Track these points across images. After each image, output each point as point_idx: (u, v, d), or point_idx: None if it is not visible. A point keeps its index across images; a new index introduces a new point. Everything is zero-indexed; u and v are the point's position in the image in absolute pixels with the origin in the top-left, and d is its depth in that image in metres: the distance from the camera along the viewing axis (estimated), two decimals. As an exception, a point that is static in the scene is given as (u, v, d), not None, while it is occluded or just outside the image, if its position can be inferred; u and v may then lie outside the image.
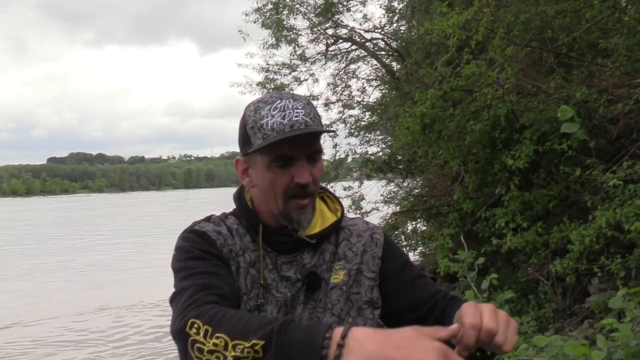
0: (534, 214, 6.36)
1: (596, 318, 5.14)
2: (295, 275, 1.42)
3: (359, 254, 1.49)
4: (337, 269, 1.46)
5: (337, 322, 1.41)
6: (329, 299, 1.43)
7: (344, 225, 1.53)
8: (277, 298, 1.40)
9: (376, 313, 1.48)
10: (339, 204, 1.57)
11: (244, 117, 1.44)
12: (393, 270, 1.50)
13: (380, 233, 1.56)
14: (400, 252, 1.58)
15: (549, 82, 6.60)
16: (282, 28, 13.16)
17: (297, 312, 1.41)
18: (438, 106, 6.78)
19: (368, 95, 14.46)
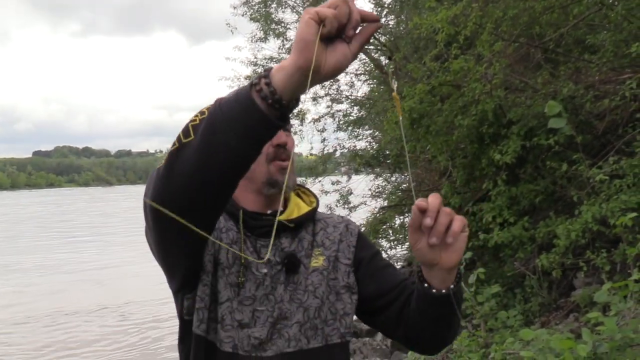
0: (521, 209, 6.40)
1: (581, 312, 5.19)
2: (274, 258, 1.49)
3: (336, 242, 1.59)
4: (316, 254, 1.55)
5: (319, 305, 1.49)
6: (309, 281, 1.49)
7: (320, 217, 1.64)
8: (256, 276, 1.45)
9: (354, 298, 1.56)
10: (314, 197, 1.69)
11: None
12: (365, 258, 1.60)
13: (354, 225, 1.68)
14: (372, 244, 1.71)
15: (536, 77, 6.64)
16: (270, 21, 13.10)
17: (278, 292, 1.46)
18: (426, 101, 6.79)
19: (356, 90, 14.45)
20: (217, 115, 1.10)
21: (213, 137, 1.10)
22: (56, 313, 13.01)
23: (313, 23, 1.02)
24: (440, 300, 1.32)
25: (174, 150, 1.14)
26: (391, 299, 1.53)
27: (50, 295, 15.05)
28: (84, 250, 23.90)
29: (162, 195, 1.17)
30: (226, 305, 1.41)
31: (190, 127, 1.14)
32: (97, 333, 11.51)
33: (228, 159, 1.12)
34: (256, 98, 1.07)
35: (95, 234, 30.90)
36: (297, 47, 1.04)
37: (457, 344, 4.85)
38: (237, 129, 1.09)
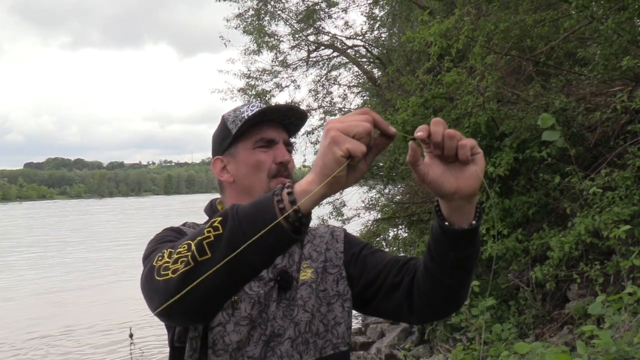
0: (514, 221, 6.41)
1: (575, 324, 5.19)
2: (267, 275, 1.48)
3: (322, 252, 1.58)
4: (304, 267, 1.54)
5: (309, 318, 1.47)
6: (299, 295, 1.48)
7: (308, 230, 1.61)
8: (250, 295, 1.44)
9: (346, 305, 1.54)
10: None
11: (222, 119, 1.62)
12: (355, 252, 1.59)
13: (340, 230, 1.67)
14: (359, 240, 1.68)
15: (528, 90, 6.68)
16: (263, 34, 13.15)
17: (271, 310, 1.46)
18: (419, 113, 6.82)
19: (349, 102, 14.51)
20: (238, 236, 1.09)
21: (237, 259, 1.09)
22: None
23: (344, 160, 1.04)
24: (464, 238, 1.22)
25: (189, 269, 1.12)
26: (384, 276, 1.49)
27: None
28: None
29: (175, 309, 1.16)
30: (217, 330, 1.40)
31: (206, 245, 1.12)
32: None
33: (251, 276, 1.16)
34: (284, 223, 1.08)
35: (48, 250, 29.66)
36: (323, 177, 1.06)
37: (452, 357, 4.83)
38: (264, 252, 1.10)
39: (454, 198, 1.19)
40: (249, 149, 1.55)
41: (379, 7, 13.79)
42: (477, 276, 7.42)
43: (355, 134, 1.05)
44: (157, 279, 1.16)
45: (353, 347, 8.99)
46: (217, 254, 1.10)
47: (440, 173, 1.17)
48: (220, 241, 1.10)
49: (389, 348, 8.47)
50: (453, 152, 1.12)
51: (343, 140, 1.04)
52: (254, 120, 1.54)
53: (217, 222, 1.13)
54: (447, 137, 1.11)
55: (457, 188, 1.17)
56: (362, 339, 9.55)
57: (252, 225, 1.08)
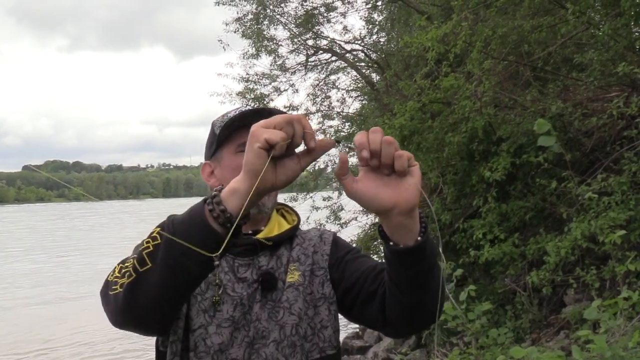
0: (511, 226, 6.42)
1: (572, 329, 5.20)
2: (251, 276, 1.48)
3: (310, 255, 1.56)
4: (292, 269, 1.53)
5: (296, 322, 1.46)
6: (285, 297, 1.46)
7: (299, 233, 1.62)
8: (232, 297, 1.44)
9: (332, 308, 1.52)
10: (296, 215, 1.70)
11: (212, 125, 1.63)
12: (339, 256, 1.57)
13: (330, 234, 1.66)
14: (348, 244, 1.66)
15: (525, 95, 6.70)
16: (262, 38, 13.17)
17: (254, 311, 1.45)
18: (417, 118, 6.83)
19: (348, 106, 14.52)
20: (174, 244, 1.11)
21: (174, 265, 1.13)
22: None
23: (263, 153, 1.07)
24: (411, 256, 1.19)
25: (132, 281, 1.17)
26: (361, 284, 1.47)
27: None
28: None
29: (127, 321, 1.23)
30: (199, 332, 1.40)
31: (145, 255, 1.16)
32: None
33: (192, 281, 1.19)
34: (214, 224, 1.11)
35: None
36: (248, 175, 1.10)
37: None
38: (198, 256, 1.11)
39: (392, 214, 1.16)
40: (232, 153, 1.55)
41: (377, 11, 13.82)
42: (474, 280, 7.44)
43: (275, 125, 1.08)
44: (109, 294, 1.22)
45: (350, 351, 8.98)
46: (157, 263, 1.14)
47: (373, 187, 1.15)
48: (159, 250, 1.14)
49: (385, 352, 8.47)
50: (390, 161, 1.11)
51: (261, 132, 1.07)
52: (236, 125, 1.54)
53: (155, 233, 1.17)
54: (385, 142, 1.10)
55: (395, 202, 1.14)
56: (359, 342, 9.54)
57: (186, 232, 1.11)
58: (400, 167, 1.10)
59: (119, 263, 1.26)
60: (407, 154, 1.10)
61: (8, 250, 30.54)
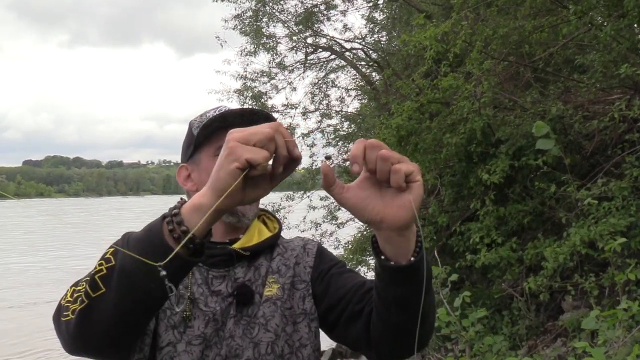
0: (509, 230, 6.30)
1: (569, 336, 5.08)
2: (226, 290, 1.37)
3: (291, 266, 1.46)
4: (270, 282, 1.42)
5: (272, 339, 1.35)
6: (261, 313, 1.36)
7: (280, 242, 1.52)
8: (204, 312, 1.34)
9: (313, 325, 1.42)
10: (277, 222, 1.58)
11: (189, 125, 1.52)
12: (323, 269, 1.46)
13: (314, 244, 1.54)
14: (333, 257, 1.55)
15: (525, 97, 6.58)
16: (261, 35, 13.04)
17: (228, 327, 1.34)
18: (415, 118, 6.71)
19: (347, 105, 14.39)
20: (130, 268, 1.00)
21: (131, 290, 1.01)
22: None
23: (239, 173, 0.96)
24: (402, 276, 1.08)
25: (84, 308, 1.05)
26: (347, 301, 1.36)
27: None
28: None
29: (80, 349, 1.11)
30: (167, 351, 1.29)
31: (99, 279, 1.04)
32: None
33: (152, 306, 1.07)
34: (174, 245, 0.99)
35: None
36: (215, 192, 0.98)
37: (442, 368, 4.71)
38: (157, 279, 0.99)
39: (381, 227, 1.05)
40: (211, 156, 1.43)
41: (378, 10, 13.69)
42: (472, 283, 7.32)
43: (256, 142, 0.96)
44: (61, 320, 1.11)
45: (344, 354, 8.87)
46: (111, 288, 1.02)
47: (364, 197, 1.04)
48: (113, 273, 1.02)
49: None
50: (385, 177, 0.99)
51: (241, 151, 0.95)
52: (215, 125, 1.43)
53: (109, 254, 1.05)
54: (380, 158, 0.98)
55: (383, 217, 1.03)
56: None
57: (143, 255, 0.98)
58: (394, 184, 0.99)
59: (72, 285, 1.14)
60: (405, 168, 0.97)
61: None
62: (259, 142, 0.96)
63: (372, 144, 0.98)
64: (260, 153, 0.95)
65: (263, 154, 0.96)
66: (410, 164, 0.99)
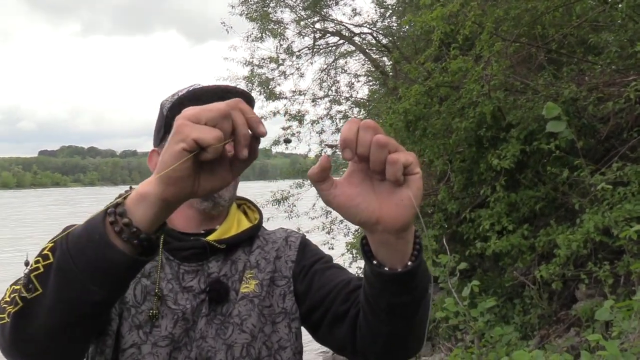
0: (520, 216, 6.12)
1: (583, 326, 4.92)
2: (198, 286, 1.26)
3: (271, 261, 1.34)
4: (248, 277, 1.29)
5: (248, 340, 1.22)
6: (236, 312, 1.25)
7: (261, 234, 1.40)
8: (173, 310, 1.21)
9: (293, 326, 1.29)
10: (258, 213, 1.45)
11: (160, 106, 1.38)
12: (305, 265, 1.34)
13: (298, 236, 1.42)
14: (318, 251, 1.41)
15: (537, 79, 6.37)
16: (268, 21, 12.84)
17: (199, 327, 1.22)
18: (423, 102, 6.53)
19: (356, 91, 14.19)
20: (68, 265, 0.87)
21: (70, 292, 0.88)
22: None
23: (185, 155, 0.81)
24: (397, 283, 0.94)
25: (18, 311, 0.91)
26: (330, 301, 1.23)
27: None
28: None
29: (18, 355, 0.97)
30: (130, 352, 1.17)
31: (34, 279, 0.90)
32: None
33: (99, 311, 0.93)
34: (116, 241, 0.86)
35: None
36: (162, 179, 0.84)
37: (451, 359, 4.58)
38: (102, 281, 0.87)
39: (377, 229, 0.90)
40: None
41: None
42: (483, 271, 7.17)
43: (207, 120, 0.82)
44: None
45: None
46: (49, 290, 0.88)
47: (355, 194, 0.89)
48: (50, 273, 0.88)
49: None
50: (380, 167, 0.84)
51: (189, 130, 0.81)
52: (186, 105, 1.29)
53: (48, 250, 0.90)
54: (376, 144, 0.83)
55: (379, 217, 0.88)
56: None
57: (81, 250, 0.86)
58: (391, 177, 0.84)
59: (12, 284, 1.01)
60: (404, 158, 0.83)
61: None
62: (211, 120, 0.82)
63: (367, 125, 0.83)
64: (211, 132, 0.81)
65: (214, 133, 0.82)
66: (408, 154, 0.85)
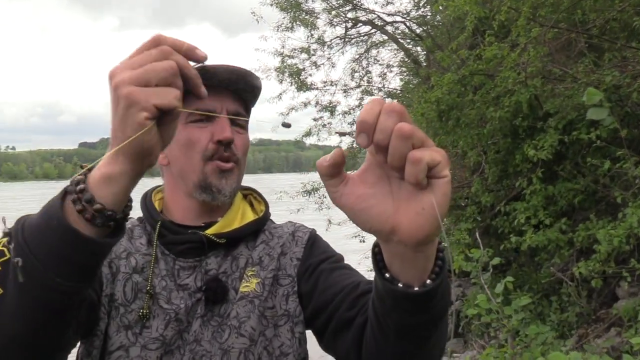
0: (558, 210, 5.87)
1: (624, 326, 4.66)
2: (194, 284, 1.16)
3: (275, 257, 1.22)
4: (249, 275, 1.19)
5: (246, 345, 1.09)
6: (234, 313, 1.14)
7: (267, 228, 1.29)
8: (165, 310, 1.10)
9: (297, 330, 1.16)
10: (264, 204, 1.35)
11: None
12: (311, 263, 1.21)
13: (306, 231, 1.30)
14: (327, 249, 1.26)
15: (577, 66, 6.09)
16: (300, 11, 12.69)
17: (194, 329, 1.11)
18: (456, 91, 6.31)
19: (388, 82, 13.94)
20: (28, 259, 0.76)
21: (33, 287, 0.78)
22: None
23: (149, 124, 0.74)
24: (413, 302, 0.79)
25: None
26: (335, 306, 1.09)
27: None
28: None
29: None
30: (117, 355, 1.08)
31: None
32: None
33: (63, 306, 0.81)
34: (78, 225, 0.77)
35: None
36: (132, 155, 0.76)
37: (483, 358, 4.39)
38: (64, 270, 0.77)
39: (391, 240, 0.73)
40: (182, 122, 1.18)
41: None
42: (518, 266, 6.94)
43: (158, 81, 0.75)
44: None
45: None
46: (9, 290, 0.78)
47: (368, 194, 0.73)
48: (8, 270, 0.78)
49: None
50: (399, 163, 0.67)
51: (145, 96, 0.73)
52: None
53: (2, 245, 0.80)
54: (398, 135, 0.66)
55: (395, 226, 0.72)
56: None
57: (40, 240, 0.77)
58: (410, 178, 0.67)
59: None
60: (429, 157, 0.67)
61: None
62: (163, 80, 0.75)
63: (392, 108, 0.67)
64: (169, 94, 0.75)
65: (173, 93, 0.75)
66: (435, 151, 0.68)
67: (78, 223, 0.76)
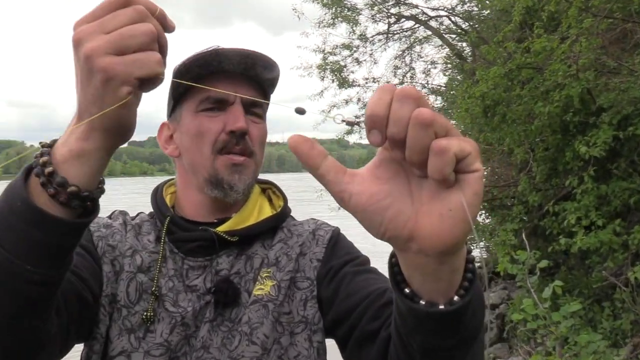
0: (612, 210, 5.60)
1: (684, 336, 4.37)
2: (204, 285, 1.08)
3: (294, 258, 1.12)
4: (264, 276, 1.09)
5: (257, 354, 0.99)
6: (246, 318, 1.04)
7: (286, 225, 1.18)
8: (171, 314, 1.02)
9: (315, 339, 1.07)
10: (283, 199, 1.24)
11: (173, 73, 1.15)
12: (333, 266, 1.09)
13: (328, 230, 1.18)
14: (351, 250, 1.14)
15: (633, 58, 5.79)
16: (342, 7, 12.58)
17: (201, 334, 1.02)
18: (502, 86, 6.08)
19: (432, 78, 13.71)
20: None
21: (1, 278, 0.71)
22: None
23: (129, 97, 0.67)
24: (431, 322, 0.67)
25: None
26: (358, 316, 0.98)
27: None
28: None
29: None
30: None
31: None
32: None
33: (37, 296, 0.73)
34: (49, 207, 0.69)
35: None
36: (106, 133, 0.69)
37: (528, 366, 4.18)
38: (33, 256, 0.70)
39: (410, 248, 0.60)
40: (193, 112, 1.11)
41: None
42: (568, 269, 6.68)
43: (137, 48, 0.65)
44: None
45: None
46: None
47: (382, 194, 0.59)
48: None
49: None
50: (420, 157, 0.55)
51: (125, 68, 0.65)
52: (196, 72, 1.08)
53: None
54: (417, 122, 0.54)
55: (414, 232, 0.59)
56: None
57: (4, 225, 0.69)
58: (435, 174, 0.55)
59: None
60: (457, 146, 0.54)
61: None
62: (143, 45, 0.66)
63: (405, 93, 0.55)
64: (150, 59, 0.66)
65: (154, 57, 0.66)
66: (464, 141, 0.56)
67: (48, 205, 0.69)
